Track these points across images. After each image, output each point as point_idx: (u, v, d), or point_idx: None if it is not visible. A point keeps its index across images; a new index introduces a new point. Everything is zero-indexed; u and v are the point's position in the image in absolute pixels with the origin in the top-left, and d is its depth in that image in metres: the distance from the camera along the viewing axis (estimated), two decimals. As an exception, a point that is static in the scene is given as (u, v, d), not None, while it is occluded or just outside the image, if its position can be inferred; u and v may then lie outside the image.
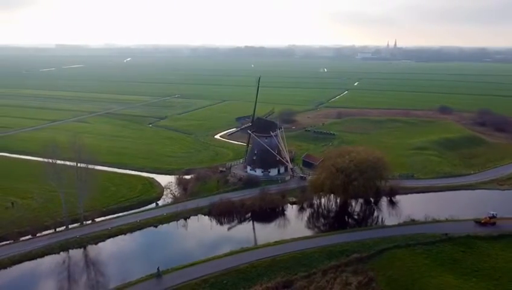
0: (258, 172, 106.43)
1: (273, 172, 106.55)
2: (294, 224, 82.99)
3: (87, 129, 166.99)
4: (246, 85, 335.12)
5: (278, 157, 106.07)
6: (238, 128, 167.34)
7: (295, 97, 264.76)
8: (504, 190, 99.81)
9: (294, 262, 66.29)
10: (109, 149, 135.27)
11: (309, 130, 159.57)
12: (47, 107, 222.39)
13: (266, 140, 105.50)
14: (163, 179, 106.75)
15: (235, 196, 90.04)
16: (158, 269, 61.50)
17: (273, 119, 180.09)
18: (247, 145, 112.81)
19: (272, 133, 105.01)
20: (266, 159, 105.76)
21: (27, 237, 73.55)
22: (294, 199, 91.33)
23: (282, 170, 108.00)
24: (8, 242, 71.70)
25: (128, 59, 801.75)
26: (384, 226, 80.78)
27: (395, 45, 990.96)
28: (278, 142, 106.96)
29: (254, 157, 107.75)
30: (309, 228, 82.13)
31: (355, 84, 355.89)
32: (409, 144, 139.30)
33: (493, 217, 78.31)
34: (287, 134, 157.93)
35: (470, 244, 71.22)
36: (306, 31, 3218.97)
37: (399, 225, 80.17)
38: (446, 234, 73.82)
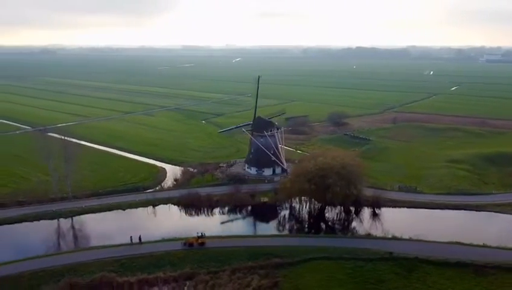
0: (253, 171, 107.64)
1: (268, 172, 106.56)
2: (249, 223, 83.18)
3: (146, 121, 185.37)
4: (328, 86, 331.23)
5: (273, 157, 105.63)
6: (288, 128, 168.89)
7: (366, 100, 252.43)
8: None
9: (212, 257, 67.57)
10: (148, 140, 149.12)
11: (347, 134, 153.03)
12: (128, 100, 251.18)
13: (262, 139, 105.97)
14: (173, 170, 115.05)
15: (208, 191, 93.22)
16: (139, 237, 70.28)
17: (305, 118, 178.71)
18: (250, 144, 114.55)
19: (265, 133, 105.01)
20: (261, 158, 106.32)
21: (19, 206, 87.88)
22: (266, 200, 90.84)
23: (278, 170, 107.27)
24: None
25: (238, 59, 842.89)
26: (331, 236, 76.45)
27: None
28: (275, 142, 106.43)
29: (250, 156, 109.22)
30: (261, 228, 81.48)
31: (453, 88, 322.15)
32: (447, 155, 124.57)
33: (201, 236, 70.44)
34: (325, 137, 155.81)
35: (412, 268, 63.85)
36: (428, 31, 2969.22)
37: (350, 236, 75.05)
38: (391, 253, 67.17)
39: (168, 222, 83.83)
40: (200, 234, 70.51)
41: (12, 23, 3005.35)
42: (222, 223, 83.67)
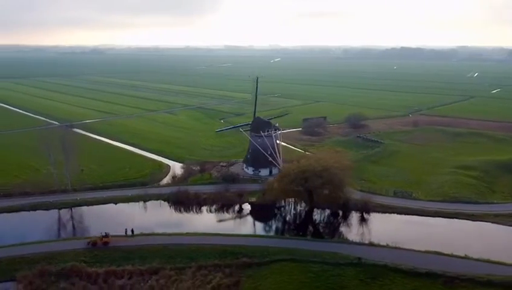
0: (250, 171, 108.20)
1: (264, 172, 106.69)
2: (230, 222, 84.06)
3: (166, 120, 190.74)
4: (359, 88, 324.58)
5: (270, 158, 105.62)
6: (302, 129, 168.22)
7: (394, 102, 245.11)
8: (518, 227, 79.31)
9: (181, 253, 69.06)
10: (162, 138, 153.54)
11: (360, 136, 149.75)
12: (156, 98, 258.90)
13: (259, 140, 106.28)
14: (176, 167, 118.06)
15: (199, 189, 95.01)
16: (132, 230, 73.73)
17: (322, 119, 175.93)
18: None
19: (261, 133, 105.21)
20: (258, 158, 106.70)
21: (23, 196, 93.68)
22: (253, 200, 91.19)
23: (275, 170, 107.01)
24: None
25: (277, 59, 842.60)
26: (305, 238, 75.66)
27: None
28: (272, 143, 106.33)
29: (248, 156, 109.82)
30: (240, 227, 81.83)
31: (494, 91, 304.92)
32: (460, 161, 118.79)
33: (105, 236, 70.36)
34: (338, 139, 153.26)
35: (378, 275, 61.99)
36: (480, 30, 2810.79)
37: (324, 240, 74.26)
38: (359, 258, 65.55)
39: (153, 217, 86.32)
40: (104, 234, 71.05)
41: (68, 24, 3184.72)
42: (202, 220, 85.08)
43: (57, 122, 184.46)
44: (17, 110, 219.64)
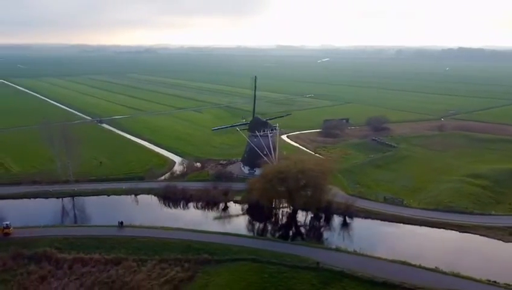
0: (246, 170, 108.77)
1: (259, 172, 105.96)
2: (210, 218, 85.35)
3: (190, 117, 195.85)
4: (398, 89, 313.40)
5: (265, 158, 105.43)
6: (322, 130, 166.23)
7: (430, 105, 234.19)
8: (506, 242, 73.48)
9: (148, 245, 71.33)
10: (179, 135, 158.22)
11: (375, 140, 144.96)
12: (188, 96, 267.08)
13: (255, 139, 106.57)
14: (181, 163, 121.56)
15: (186, 185, 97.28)
16: (122, 222, 77.11)
17: (343, 121, 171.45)
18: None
19: (257, 133, 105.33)
20: (253, 158, 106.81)
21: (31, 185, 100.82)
22: (238, 199, 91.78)
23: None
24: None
25: (325, 60, 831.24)
26: (266, 239, 75.41)
27: None
28: (267, 143, 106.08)
29: (245, 156, 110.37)
30: (218, 225, 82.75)
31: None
32: (473, 168, 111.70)
33: (7, 227, 71.93)
34: (353, 141, 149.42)
35: (331, 281, 60.66)
36: None
37: (291, 242, 73.48)
38: (318, 262, 64.27)
39: (138, 210, 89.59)
40: (5, 225, 72.70)
41: (128, 25, 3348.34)
42: (184, 215, 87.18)
43: (89, 118, 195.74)
44: (60, 105, 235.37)
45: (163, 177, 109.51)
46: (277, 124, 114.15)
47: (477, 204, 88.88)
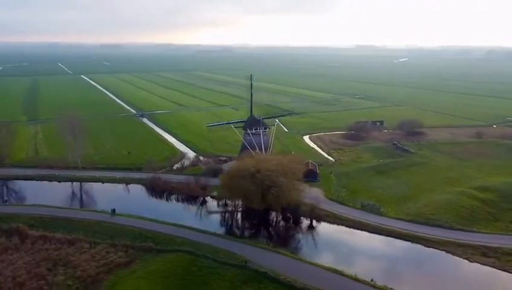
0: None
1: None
2: (181, 211, 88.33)
3: (223, 114, 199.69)
4: (463, 93, 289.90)
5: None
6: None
7: (486, 110, 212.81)
8: (472, 262, 66.09)
9: (106, 230, 76.20)
10: (201, 130, 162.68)
11: (395, 144, 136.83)
12: (233, 94, 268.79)
13: (248, 138, 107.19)
14: (191, 157, 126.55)
15: (169, 178, 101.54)
16: (114, 209, 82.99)
17: (376, 123, 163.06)
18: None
19: (248, 131, 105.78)
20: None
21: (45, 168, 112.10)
22: (215, 194, 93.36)
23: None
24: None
25: (403, 60, 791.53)
26: (212, 234, 75.46)
27: None
28: (259, 141, 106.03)
29: (241, 153, 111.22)
30: (184, 217, 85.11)
31: None
32: (485, 180, 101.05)
33: None
34: (374, 144, 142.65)
35: (252, 281, 60.31)
36: None
37: (233, 239, 74.14)
38: (246, 261, 64.07)
39: (123, 197, 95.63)
40: None
41: (210, 24, 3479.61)
42: (162, 206, 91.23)
43: (134, 111, 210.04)
44: (116, 98, 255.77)
45: (164, 170, 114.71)
46: (275, 122, 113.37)
47: (466, 219, 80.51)
